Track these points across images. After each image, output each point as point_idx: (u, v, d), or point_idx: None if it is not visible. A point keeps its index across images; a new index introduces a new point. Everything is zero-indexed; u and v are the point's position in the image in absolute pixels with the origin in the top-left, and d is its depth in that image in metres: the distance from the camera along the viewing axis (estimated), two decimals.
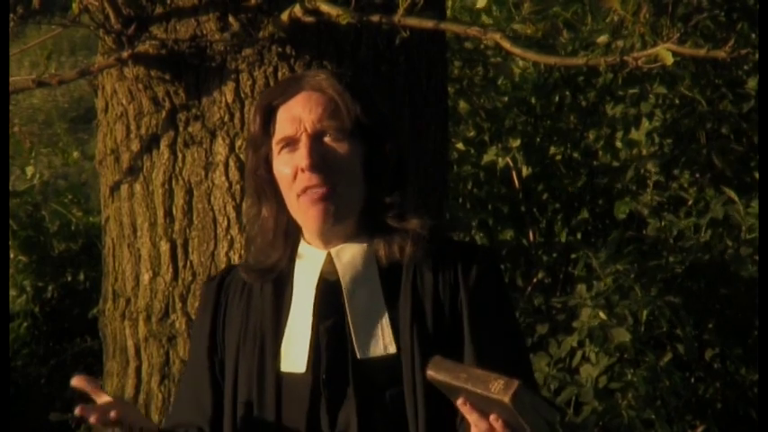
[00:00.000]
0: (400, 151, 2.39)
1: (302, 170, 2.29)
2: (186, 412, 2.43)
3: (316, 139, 2.30)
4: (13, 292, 5.61)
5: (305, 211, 2.31)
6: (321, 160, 2.28)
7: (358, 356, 2.27)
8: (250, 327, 2.37)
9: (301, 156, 2.29)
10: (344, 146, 2.31)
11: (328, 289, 2.33)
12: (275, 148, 2.35)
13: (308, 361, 2.28)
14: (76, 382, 2.27)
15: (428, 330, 2.29)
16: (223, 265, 3.34)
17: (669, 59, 2.79)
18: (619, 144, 5.09)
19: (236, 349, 2.37)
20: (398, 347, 2.27)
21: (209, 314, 2.43)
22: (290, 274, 2.37)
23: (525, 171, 5.15)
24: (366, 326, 2.29)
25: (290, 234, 2.39)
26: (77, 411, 2.18)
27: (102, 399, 2.24)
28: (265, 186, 2.38)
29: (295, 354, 2.30)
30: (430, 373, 2.13)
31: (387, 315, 2.29)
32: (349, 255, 2.33)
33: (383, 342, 2.28)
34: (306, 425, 2.27)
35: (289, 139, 2.32)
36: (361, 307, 2.30)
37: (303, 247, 2.38)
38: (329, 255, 2.34)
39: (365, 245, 2.34)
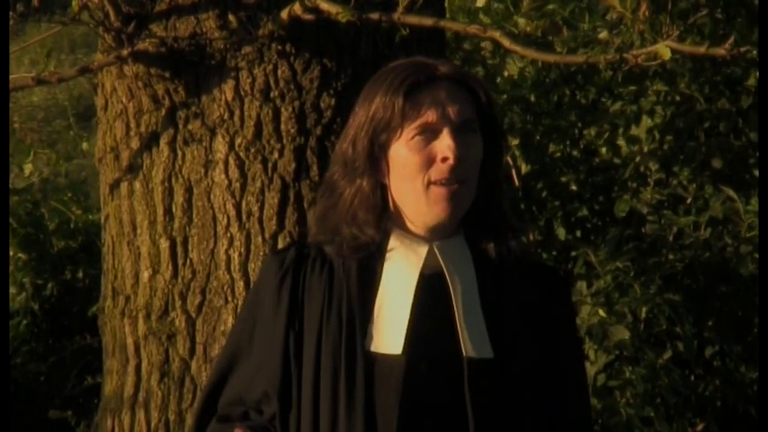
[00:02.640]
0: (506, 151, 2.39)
1: (444, 160, 2.24)
2: (253, 384, 2.37)
3: (459, 130, 2.26)
4: (12, 290, 5.62)
5: (433, 203, 2.27)
6: (464, 154, 2.25)
7: (464, 354, 2.25)
8: (334, 304, 2.32)
9: (447, 146, 2.23)
10: (478, 142, 2.28)
11: (426, 280, 2.30)
12: (409, 132, 2.27)
13: (405, 344, 2.25)
14: None
15: (524, 341, 2.30)
16: (223, 263, 3.34)
17: (667, 54, 2.79)
18: (618, 141, 5.09)
19: (319, 326, 2.32)
20: (495, 353, 2.27)
21: (288, 287, 2.35)
22: (380, 258, 2.33)
23: (524, 169, 5.15)
24: (468, 326, 2.27)
25: (383, 215, 2.33)
26: None
27: None
28: (369, 167, 2.30)
29: (390, 335, 2.27)
30: None
31: (483, 318, 2.28)
32: (453, 251, 2.32)
33: (482, 345, 2.27)
34: (399, 408, 2.24)
35: (430, 125, 2.26)
36: (464, 306, 2.29)
37: (400, 233, 2.33)
38: (431, 247, 2.31)
39: (465, 244, 2.33)
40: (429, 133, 2.26)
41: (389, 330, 2.28)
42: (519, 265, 2.35)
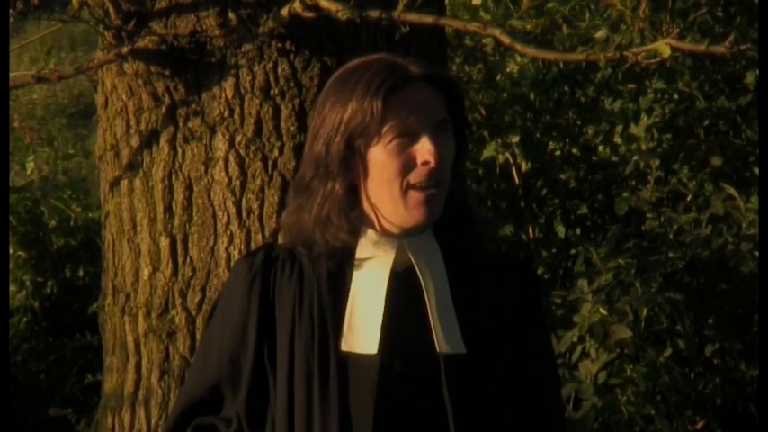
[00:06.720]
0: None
1: (424, 164, 2.23)
2: (213, 389, 2.37)
3: (436, 134, 2.25)
4: (12, 288, 5.62)
5: (411, 207, 2.26)
6: (442, 156, 2.24)
7: (438, 350, 2.24)
8: (305, 307, 2.31)
9: (428, 150, 2.22)
10: (452, 143, 2.29)
11: (398, 278, 2.30)
12: (387, 136, 2.25)
13: (380, 343, 2.24)
14: None
15: (495, 336, 2.30)
16: (223, 261, 3.34)
17: (667, 52, 2.79)
18: (617, 139, 5.09)
19: (291, 329, 2.31)
20: (468, 348, 2.27)
21: (258, 289, 2.34)
22: (351, 258, 2.32)
23: (524, 166, 5.16)
24: (440, 321, 2.27)
25: (353, 217, 2.32)
26: None
27: None
28: (343, 169, 2.28)
29: (365, 335, 2.26)
30: None
31: (455, 313, 2.28)
32: (423, 247, 2.31)
33: (455, 340, 2.26)
34: (374, 408, 2.23)
35: (408, 129, 2.25)
36: (436, 302, 2.28)
37: (370, 233, 2.32)
38: (400, 243, 2.30)
39: (434, 239, 2.33)
40: (407, 137, 2.25)
41: (363, 330, 2.27)
42: (487, 258, 2.35)
